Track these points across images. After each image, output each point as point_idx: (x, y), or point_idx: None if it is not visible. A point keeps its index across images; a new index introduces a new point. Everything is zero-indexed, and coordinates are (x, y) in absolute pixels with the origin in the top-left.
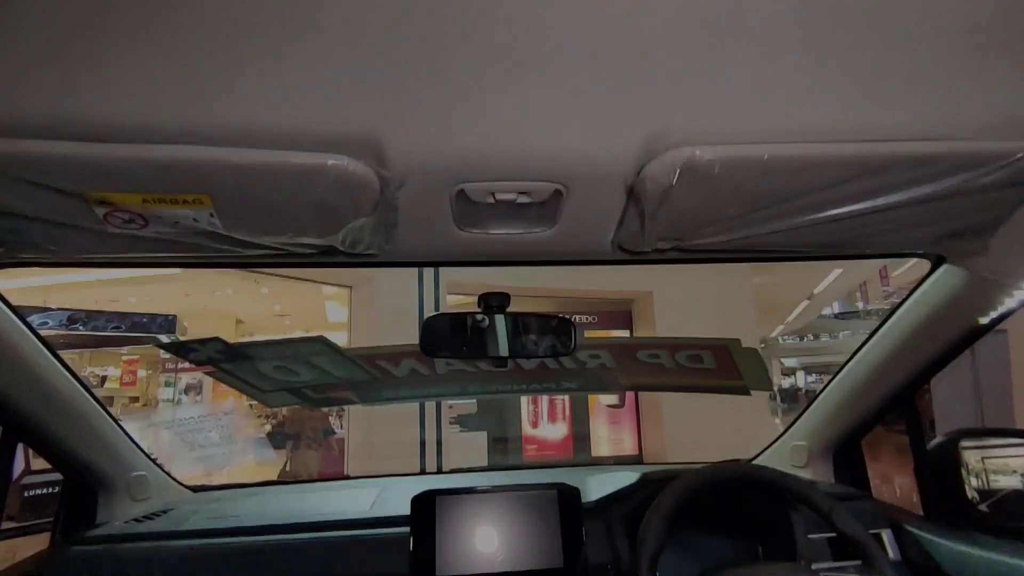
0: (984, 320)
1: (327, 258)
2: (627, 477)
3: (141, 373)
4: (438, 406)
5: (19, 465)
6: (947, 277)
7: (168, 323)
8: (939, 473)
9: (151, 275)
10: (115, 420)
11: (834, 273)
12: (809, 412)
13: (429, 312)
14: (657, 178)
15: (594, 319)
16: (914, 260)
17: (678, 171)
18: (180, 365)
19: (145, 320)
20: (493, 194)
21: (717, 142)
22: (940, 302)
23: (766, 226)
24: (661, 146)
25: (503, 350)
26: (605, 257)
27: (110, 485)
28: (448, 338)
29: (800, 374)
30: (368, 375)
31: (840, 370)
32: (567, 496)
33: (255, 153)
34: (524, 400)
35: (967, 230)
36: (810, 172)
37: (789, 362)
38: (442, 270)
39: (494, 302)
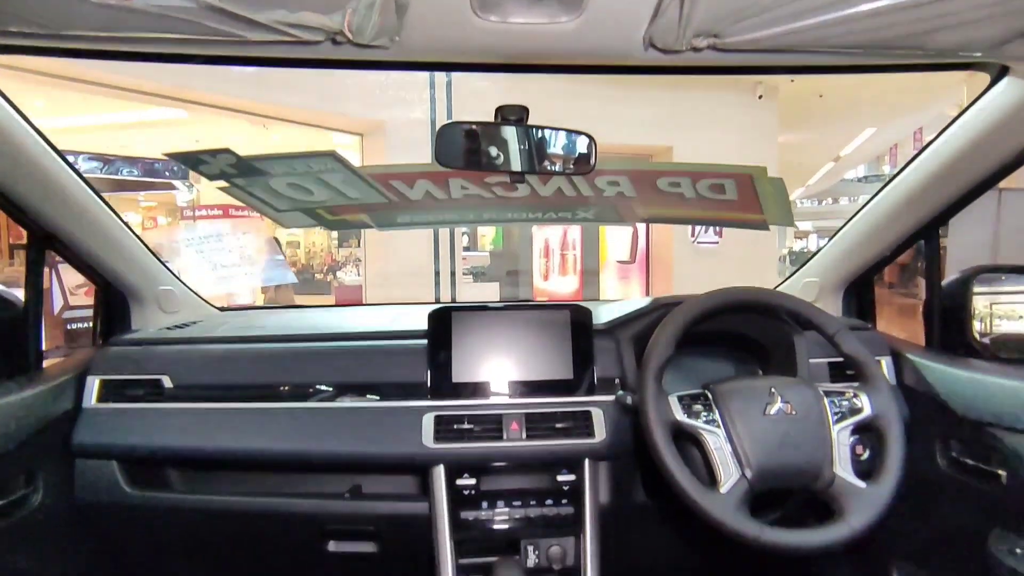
0: None
1: (334, 52)
2: (638, 303)
3: (161, 220)
4: (451, 240)
5: (58, 301)
6: (1006, 91)
7: (181, 169)
8: (948, 309)
9: (160, 119)
10: (139, 238)
11: (865, 133)
12: (826, 249)
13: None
14: None
15: None
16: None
17: None
18: (198, 213)
19: (159, 165)
20: None
21: None
22: (993, 121)
23: (815, 16)
24: None
25: (518, 164)
26: (634, 59)
27: (140, 297)
28: (463, 148)
29: (813, 237)
30: (382, 197)
31: (866, 204)
32: (579, 315)
33: None
34: (536, 253)
35: None
36: None
37: (804, 225)
38: (453, 119)
39: (511, 114)
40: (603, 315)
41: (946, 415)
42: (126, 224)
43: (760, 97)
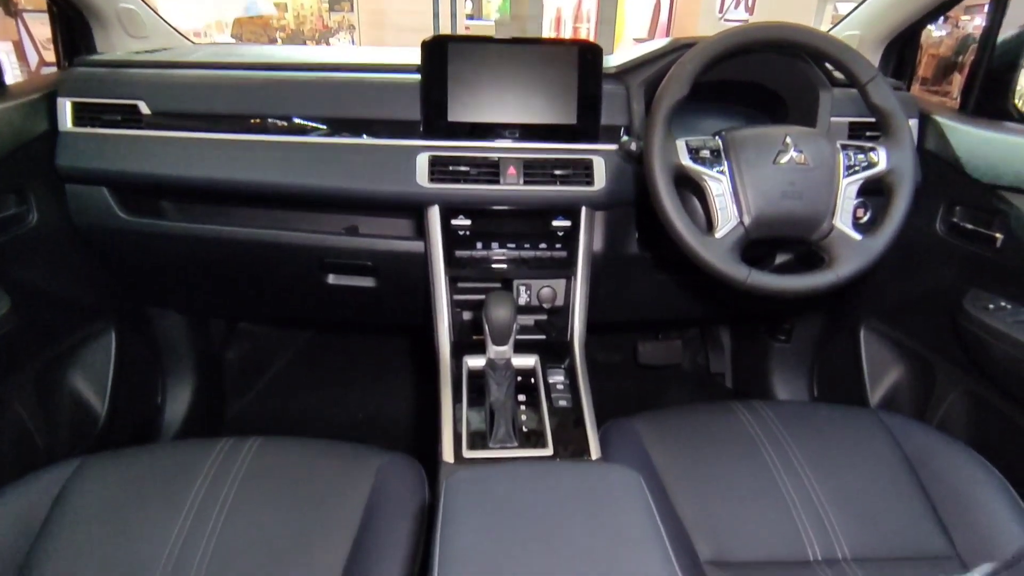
0: None
1: None
2: (655, 43)
3: None
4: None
5: (33, 56)
6: None
7: None
8: (994, 70)
9: None
10: None
11: None
12: None
13: None
14: None
15: None
16: None
17: None
18: None
19: None
20: None
21: None
22: None
23: None
24: None
25: None
26: None
27: (100, 15)
28: None
29: None
30: None
31: None
32: (588, 53)
33: None
34: (547, 25)
35: None
36: None
37: (844, 8)
38: None
39: None
40: (615, 61)
41: (960, 179)
42: None
43: None
